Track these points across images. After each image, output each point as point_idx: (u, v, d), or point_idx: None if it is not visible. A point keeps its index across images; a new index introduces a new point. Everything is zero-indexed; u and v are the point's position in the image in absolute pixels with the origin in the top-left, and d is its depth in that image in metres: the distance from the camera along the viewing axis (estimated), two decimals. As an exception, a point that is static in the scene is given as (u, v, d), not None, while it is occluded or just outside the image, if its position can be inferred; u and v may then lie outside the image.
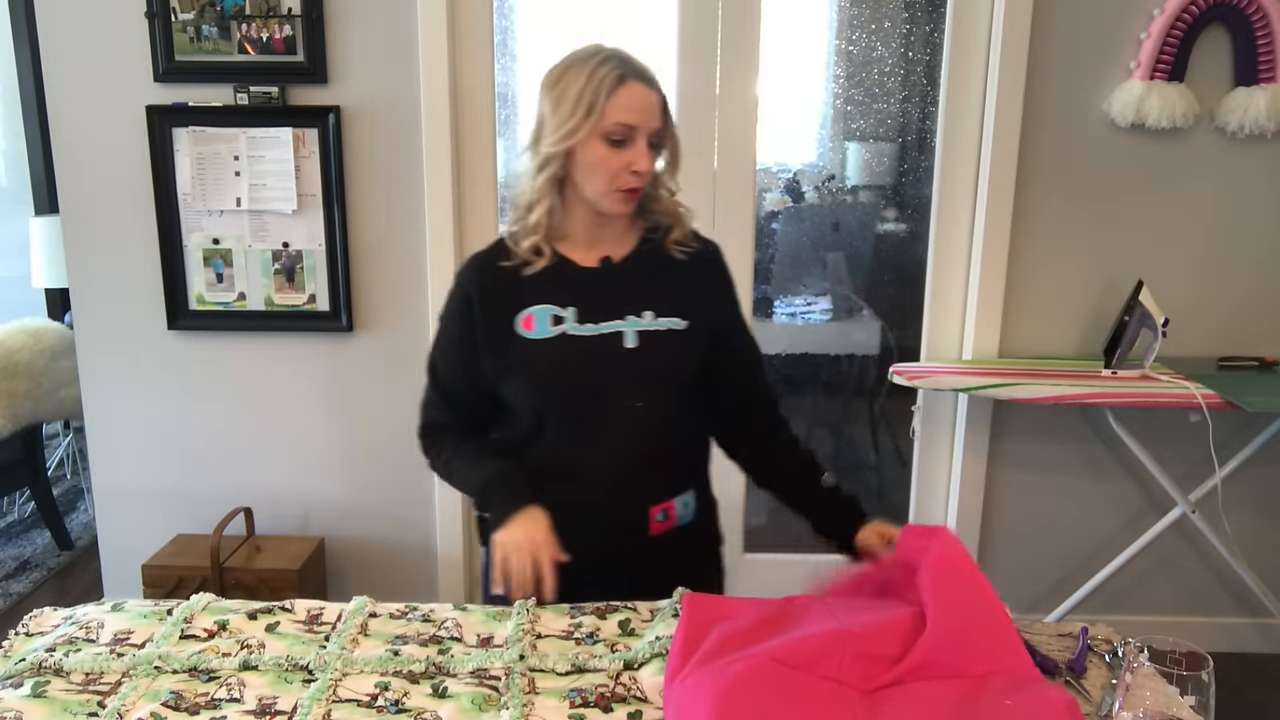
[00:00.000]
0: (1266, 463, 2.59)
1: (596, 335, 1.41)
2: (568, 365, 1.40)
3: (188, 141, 2.45)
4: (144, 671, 1.16)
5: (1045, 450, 2.64)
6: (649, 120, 1.36)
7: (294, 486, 2.66)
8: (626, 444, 1.42)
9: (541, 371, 1.41)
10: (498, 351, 1.42)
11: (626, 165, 1.35)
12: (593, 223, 1.44)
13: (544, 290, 1.42)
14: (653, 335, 1.42)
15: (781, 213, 2.96)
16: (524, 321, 1.41)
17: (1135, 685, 0.95)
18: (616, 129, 1.34)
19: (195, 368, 2.60)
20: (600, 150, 1.35)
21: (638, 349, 1.41)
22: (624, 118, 1.34)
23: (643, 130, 1.35)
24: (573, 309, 1.41)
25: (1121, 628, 1.31)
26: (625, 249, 1.47)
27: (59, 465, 4.02)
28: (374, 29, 2.41)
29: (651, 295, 1.44)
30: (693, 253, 1.48)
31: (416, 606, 1.36)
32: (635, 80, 1.35)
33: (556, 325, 1.41)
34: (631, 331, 1.41)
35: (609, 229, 1.45)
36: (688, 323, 1.44)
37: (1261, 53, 2.35)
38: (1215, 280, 2.54)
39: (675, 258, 1.46)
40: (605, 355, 1.40)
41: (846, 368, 3.06)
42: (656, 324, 1.42)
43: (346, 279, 2.52)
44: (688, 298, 1.45)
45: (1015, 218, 2.49)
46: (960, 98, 2.51)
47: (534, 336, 1.41)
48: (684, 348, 1.44)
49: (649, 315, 1.42)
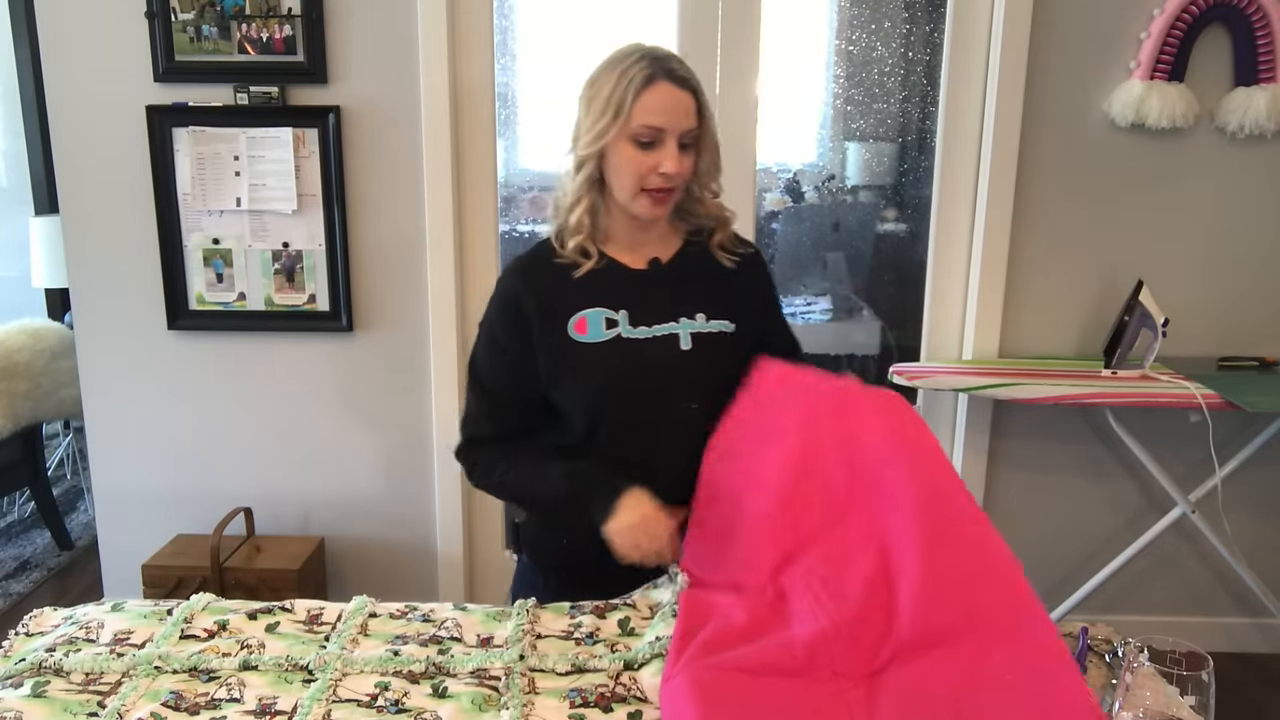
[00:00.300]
0: (1266, 463, 2.59)
1: (651, 338, 1.40)
2: (625, 368, 1.39)
3: (188, 141, 2.45)
4: (144, 671, 1.16)
5: (1045, 450, 2.64)
6: (678, 121, 1.34)
7: (294, 486, 2.66)
8: (682, 445, 1.41)
9: (598, 375, 1.39)
10: (551, 355, 1.41)
11: (654, 167, 1.34)
12: (633, 225, 1.43)
13: (594, 293, 1.41)
14: (707, 337, 1.42)
15: (781, 213, 2.96)
16: (576, 325, 1.40)
17: (1135, 685, 0.95)
18: (644, 130, 1.33)
19: (195, 368, 2.60)
20: (628, 151, 1.34)
21: (693, 350, 1.41)
22: (651, 119, 1.32)
23: (671, 132, 1.34)
24: (625, 311, 1.41)
25: (1121, 628, 1.31)
26: (671, 251, 1.47)
27: (59, 465, 4.02)
28: (374, 29, 2.41)
29: (702, 297, 1.44)
30: (737, 256, 1.49)
31: (416, 606, 1.37)
32: (665, 80, 1.33)
33: (610, 328, 1.40)
34: (686, 333, 1.41)
35: (651, 231, 1.45)
36: (735, 325, 1.44)
37: (1261, 53, 2.35)
38: (1215, 280, 2.54)
39: (721, 261, 1.47)
40: (662, 358, 1.40)
41: (846, 368, 3.05)
42: (709, 326, 1.43)
43: (346, 279, 2.52)
44: (735, 300, 1.46)
45: (1015, 218, 2.49)
46: (960, 98, 2.51)
47: (588, 340, 1.39)
48: (734, 349, 1.43)
49: (701, 317, 1.43)
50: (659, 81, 1.33)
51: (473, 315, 2.56)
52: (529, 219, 2.76)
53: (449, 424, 2.55)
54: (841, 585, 1.16)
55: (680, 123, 1.34)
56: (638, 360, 1.39)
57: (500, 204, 2.60)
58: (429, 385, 2.58)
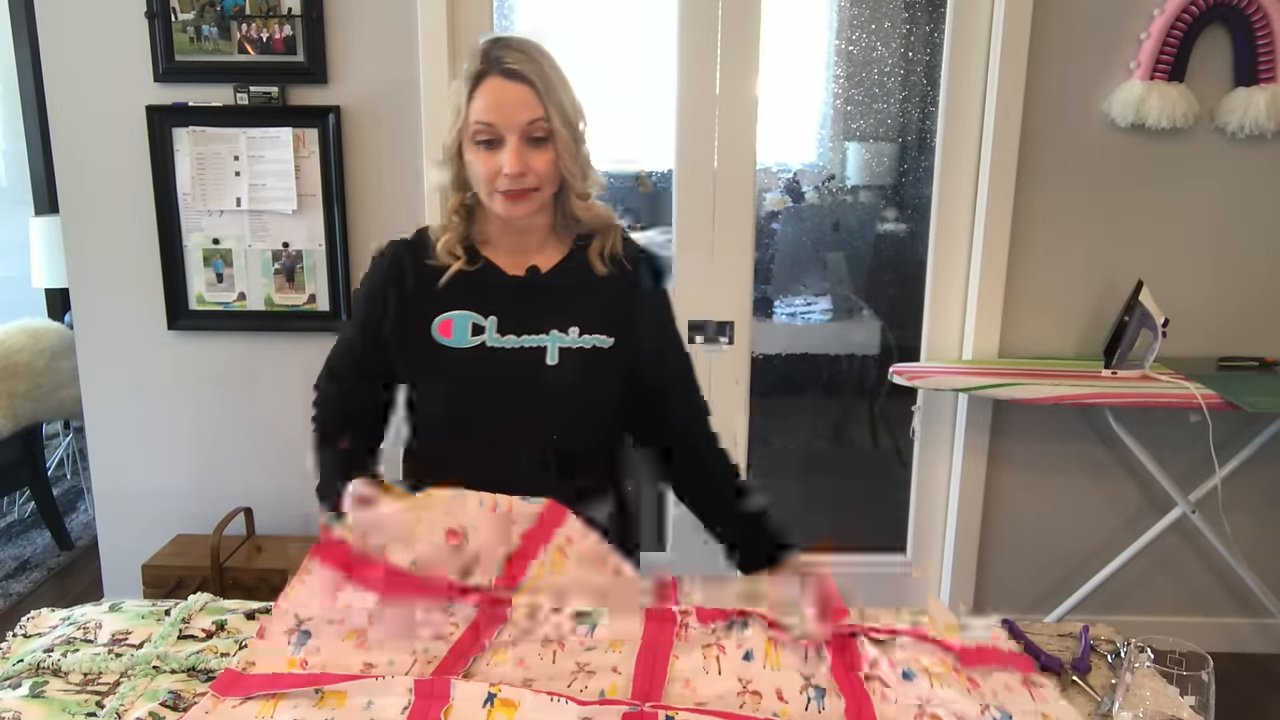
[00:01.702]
0: (1266, 463, 2.59)
1: (517, 348, 1.34)
2: (481, 378, 1.33)
3: (188, 141, 2.45)
4: (142, 671, 1.16)
5: (1045, 450, 2.64)
6: (513, 116, 1.25)
7: (294, 486, 2.65)
8: (530, 467, 1.34)
9: (453, 382, 1.35)
10: (411, 354, 1.36)
11: (499, 168, 1.27)
12: (509, 230, 1.36)
13: (464, 295, 1.35)
14: (577, 352, 1.34)
15: (781, 213, 2.96)
16: (441, 326, 1.34)
17: (1135, 685, 0.95)
18: (480, 129, 1.26)
19: (195, 368, 2.59)
20: (475, 153, 1.28)
21: (559, 365, 1.34)
22: (482, 117, 1.26)
23: (508, 127, 1.25)
24: (494, 318, 1.34)
25: (1122, 628, 1.31)
26: (553, 260, 1.39)
27: (59, 465, 4.02)
28: (374, 29, 2.41)
29: (577, 309, 1.36)
30: (621, 264, 1.39)
31: None
32: (494, 75, 1.26)
33: (476, 335, 1.34)
34: (554, 347, 1.34)
35: (530, 236, 1.38)
36: (613, 340, 1.36)
37: (1261, 53, 2.35)
38: (1215, 280, 2.54)
39: (603, 270, 1.38)
40: (523, 370, 1.33)
41: (846, 368, 3.06)
42: (582, 340, 1.35)
43: (346, 279, 2.51)
44: (614, 313, 1.37)
45: (1015, 218, 2.49)
46: (960, 98, 2.51)
47: (451, 344, 1.34)
48: (607, 366, 1.36)
49: (575, 330, 1.35)
50: (489, 77, 1.26)
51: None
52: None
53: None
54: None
55: (515, 117, 1.25)
56: (496, 371, 1.33)
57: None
58: (429, 385, 2.58)
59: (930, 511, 2.77)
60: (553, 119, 1.27)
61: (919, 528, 2.80)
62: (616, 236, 1.40)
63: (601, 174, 1.38)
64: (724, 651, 1.12)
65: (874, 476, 3.18)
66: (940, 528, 2.77)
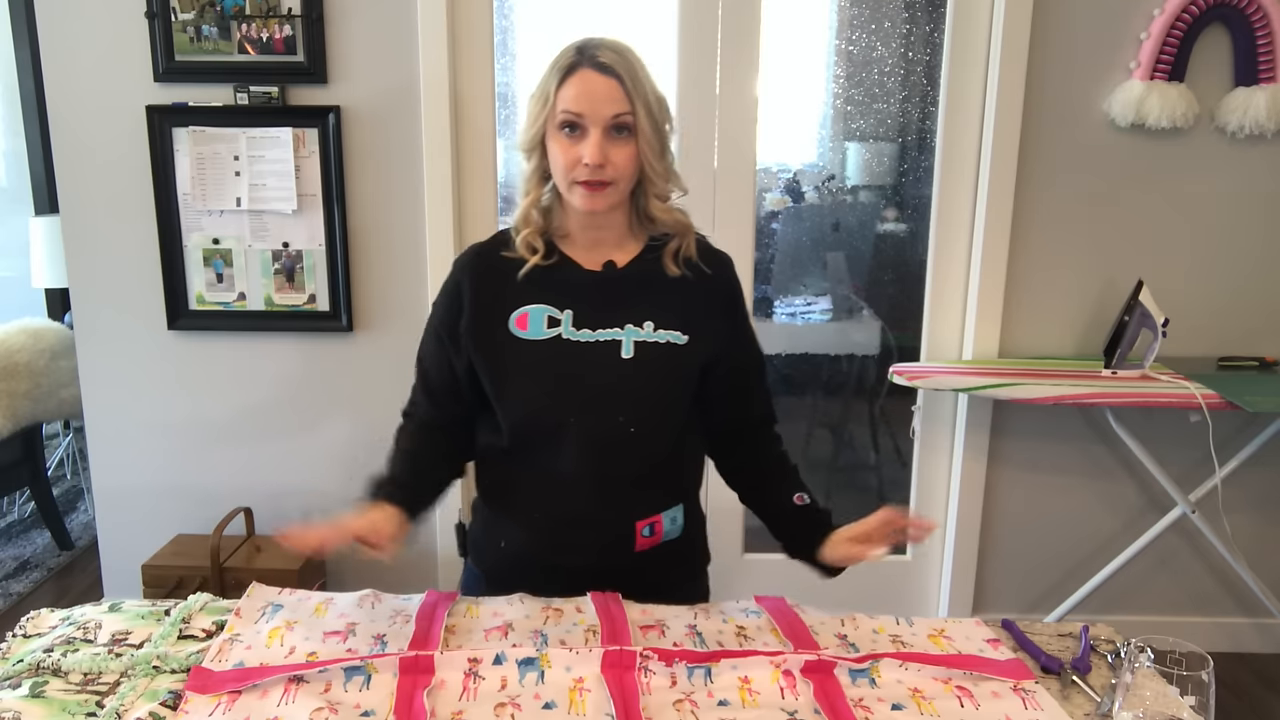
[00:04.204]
0: (1266, 463, 2.59)
1: (593, 342, 1.35)
2: (560, 370, 1.35)
3: (188, 141, 2.45)
4: (142, 671, 1.16)
5: (1045, 450, 2.64)
6: (599, 108, 1.28)
7: (294, 486, 2.66)
8: (615, 455, 1.36)
9: (530, 373, 1.36)
10: (486, 347, 1.37)
11: (580, 157, 1.29)
12: (587, 225, 1.38)
13: (540, 289, 1.37)
14: (652, 346, 1.36)
15: (781, 213, 2.96)
16: (518, 320, 1.36)
17: (1135, 685, 0.95)
18: (566, 117, 1.30)
19: (195, 368, 2.60)
20: (559, 141, 1.31)
21: (634, 359, 1.35)
22: (570, 105, 1.29)
23: (592, 118, 1.28)
24: (569, 312, 1.36)
25: (1122, 628, 1.31)
26: (629, 255, 1.41)
27: (59, 465, 4.02)
28: (374, 29, 2.41)
29: (653, 305, 1.37)
30: (699, 267, 1.41)
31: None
32: (586, 68, 1.29)
33: (552, 327, 1.36)
34: (629, 340, 1.36)
35: (607, 231, 1.39)
36: (688, 337, 1.37)
37: (1261, 53, 2.35)
38: (1215, 280, 2.54)
39: (676, 271, 1.40)
40: (599, 363, 1.35)
41: (846, 368, 3.05)
42: (656, 335, 1.37)
43: (346, 279, 2.52)
44: (691, 311, 1.39)
45: (1015, 218, 2.49)
46: (960, 98, 2.51)
47: (527, 336, 1.36)
48: (682, 362, 1.38)
49: (649, 325, 1.37)
50: (580, 69, 1.30)
51: (472, 315, 2.56)
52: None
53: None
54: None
55: (601, 109, 1.28)
56: (572, 362, 1.34)
57: (500, 204, 2.60)
58: (429, 385, 2.58)
59: (930, 511, 2.77)
60: (638, 114, 1.30)
61: (919, 528, 2.79)
62: (691, 240, 1.42)
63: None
64: (697, 706, 1.09)
65: (874, 476, 3.18)
66: (940, 528, 2.77)
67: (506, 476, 1.44)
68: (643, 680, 1.13)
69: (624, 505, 1.39)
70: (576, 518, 1.39)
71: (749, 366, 1.49)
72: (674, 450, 1.43)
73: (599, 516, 1.39)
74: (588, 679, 1.13)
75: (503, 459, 1.42)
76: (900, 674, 1.16)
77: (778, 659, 1.16)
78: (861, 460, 3.17)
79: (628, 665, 1.15)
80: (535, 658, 1.15)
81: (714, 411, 1.46)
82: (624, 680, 1.12)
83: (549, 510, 1.39)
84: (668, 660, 1.16)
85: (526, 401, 1.37)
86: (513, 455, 1.40)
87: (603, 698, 1.09)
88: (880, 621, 1.30)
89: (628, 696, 1.09)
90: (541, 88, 1.33)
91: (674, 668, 1.15)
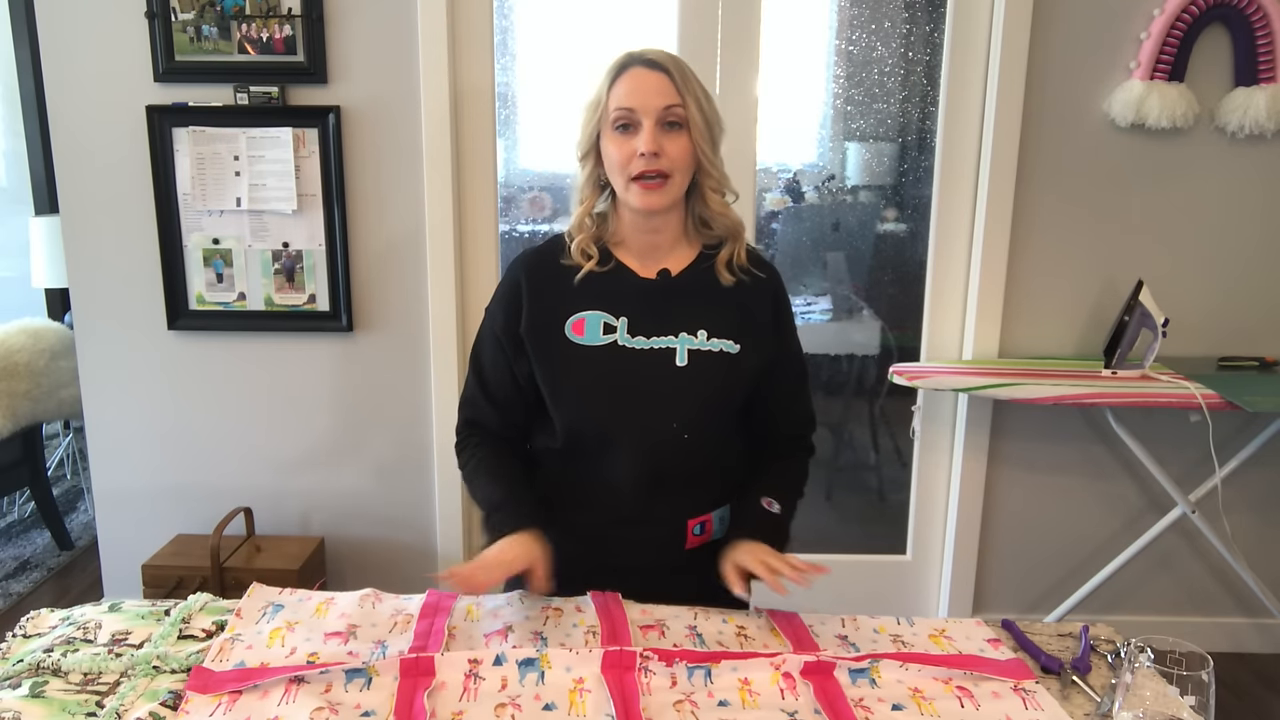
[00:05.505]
0: (1266, 463, 2.59)
1: (648, 349, 1.38)
2: (614, 375, 1.37)
3: (188, 141, 2.45)
4: (142, 671, 1.16)
5: (1045, 450, 2.64)
6: (649, 101, 1.32)
7: (294, 486, 2.66)
8: (668, 459, 1.38)
9: (586, 379, 1.38)
10: (543, 352, 1.39)
11: (635, 151, 1.32)
12: (642, 228, 1.41)
13: (596, 296, 1.39)
14: (705, 355, 1.39)
15: (781, 213, 2.96)
16: (574, 325, 1.39)
17: (1135, 685, 0.95)
18: (619, 114, 1.33)
19: (195, 368, 2.60)
20: (613, 140, 1.35)
21: (688, 367, 1.38)
22: (622, 101, 1.33)
23: (644, 111, 1.32)
24: (625, 319, 1.38)
25: (1121, 628, 1.31)
26: (683, 263, 1.43)
27: (59, 465, 4.02)
28: (374, 29, 2.41)
29: (707, 314, 1.40)
30: (751, 272, 1.44)
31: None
32: (636, 66, 1.34)
33: (608, 334, 1.38)
34: (683, 349, 1.38)
35: (662, 235, 1.41)
36: (740, 346, 1.40)
37: (1261, 53, 2.35)
38: (1215, 280, 2.54)
39: (729, 279, 1.42)
40: (654, 371, 1.37)
41: (846, 368, 3.05)
42: (709, 344, 1.39)
43: (346, 279, 2.52)
44: (743, 320, 1.41)
45: (1015, 218, 2.49)
46: (960, 98, 2.51)
47: (583, 342, 1.38)
48: (734, 371, 1.40)
49: (703, 334, 1.39)
50: (631, 68, 1.34)
51: (473, 315, 2.56)
52: (529, 219, 2.76)
53: (448, 424, 2.54)
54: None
55: (652, 101, 1.32)
56: (627, 369, 1.37)
57: (500, 204, 2.60)
58: (429, 385, 2.58)
59: (930, 511, 2.78)
60: (689, 106, 1.33)
61: (919, 528, 2.80)
62: (743, 246, 1.45)
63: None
64: (697, 706, 1.09)
65: (874, 476, 3.18)
66: (940, 528, 2.77)
67: (560, 478, 1.45)
68: (643, 681, 1.13)
69: (675, 505, 1.42)
70: (629, 518, 1.40)
71: (792, 376, 1.51)
72: (724, 453, 1.46)
73: (651, 516, 1.41)
74: (588, 679, 1.13)
75: (556, 461, 1.44)
76: (900, 674, 1.16)
77: (777, 660, 1.16)
78: (861, 460, 3.17)
79: (628, 666, 1.15)
80: (535, 658, 1.16)
81: (755, 417, 1.48)
82: (624, 681, 1.12)
83: (602, 511, 1.41)
84: (668, 661, 1.16)
85: (582, 406, 1.39)
86: (566, 457, 1.42)
87: (603, 698, 1.10)
88: (881, 621, 1.31)
89: (628, 697, 1.09)
90: (595, 94, 1.36)
91: (674, 668, 1.15)
